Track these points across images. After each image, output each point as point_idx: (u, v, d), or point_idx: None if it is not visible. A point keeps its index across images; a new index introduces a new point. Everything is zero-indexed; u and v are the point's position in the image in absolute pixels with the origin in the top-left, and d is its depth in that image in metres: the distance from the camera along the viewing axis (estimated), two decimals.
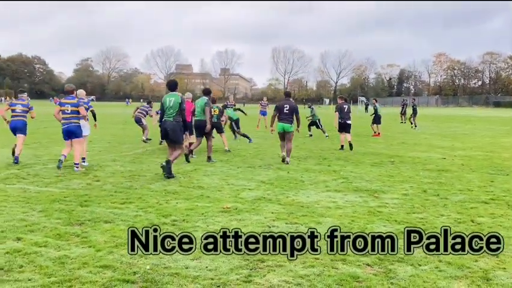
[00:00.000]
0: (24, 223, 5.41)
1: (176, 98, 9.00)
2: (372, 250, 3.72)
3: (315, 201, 6.91)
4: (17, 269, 3.99)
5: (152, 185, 7.91)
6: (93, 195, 7.00)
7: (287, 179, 8.73)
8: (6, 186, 7.65)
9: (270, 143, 15.93)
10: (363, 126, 21.78)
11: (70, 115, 9.59)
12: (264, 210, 6.29)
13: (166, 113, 8.97)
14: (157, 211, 6.11)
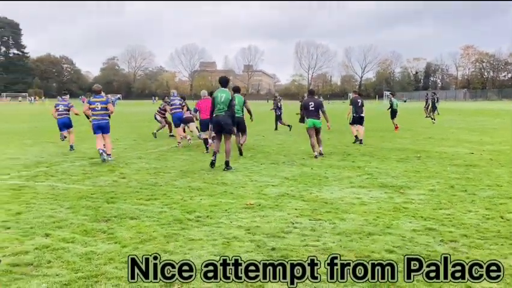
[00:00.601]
0: (53, 219, 5.54)
1: (226, 94, 9.62)
2: (372, 278, 3.71)
3: (339, 197, 6.85)
4: (46, 265, 4.09)
5: (176, 182, 7.99)
6: (119, 192, 7.11)
7: (311, 175, 8.68)
8: (35, 183, 7.85)
9: (293, 140, 15.87)
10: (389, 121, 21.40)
11: (100, 112, 10.61)
12: (287, 206, 6.27)
13: (217, 108, 9.54)
14: (181, 207, 6.17)
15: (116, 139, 16.12)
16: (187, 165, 9.89)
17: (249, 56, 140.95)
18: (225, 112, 9.49)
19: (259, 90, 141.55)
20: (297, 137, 16.62)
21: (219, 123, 9.51)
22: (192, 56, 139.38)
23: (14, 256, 4.28)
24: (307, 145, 13.90)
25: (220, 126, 9.50)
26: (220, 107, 9.51)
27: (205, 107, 12.39)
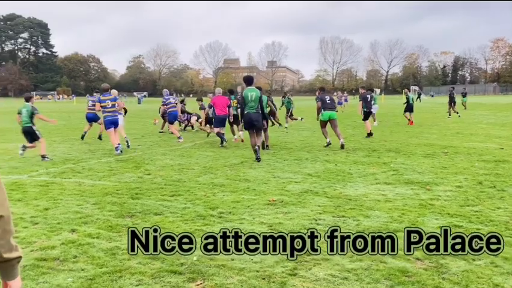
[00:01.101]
0: (79, 215, 5.66)
1: (256, 93, 10.33)
2: (372, 250, 3.63)
3: (363, 194, 6.77)
4: (72, 259, 4.17)
5: (200, 178, 8.04)
6: (144, 188, 7.20)
7: (335, 172, 8.60)
8: (62, 180, 8.03)
9: (317, 136, 15.74)
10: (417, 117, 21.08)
11: (111, 108, 11.60)
12: (310, 203, 6.23)
13: (248, 106, 10.22)
14: (204, 203, 6.20)
15: (142, 136, 16.35)
16: (210, 162, 9.94)
17: (273, 52, 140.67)
18: (255, 110, 10.19)
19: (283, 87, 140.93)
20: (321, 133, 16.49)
21: (251, 120, 10.17)
22: (216, 53, 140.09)
23: (41, 251, 4.38)
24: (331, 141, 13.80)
25: (252, 123, 10.17)
26: (251, 105, 10.18)
27: (220, 104, 13.11)
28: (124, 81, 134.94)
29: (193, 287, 3.57)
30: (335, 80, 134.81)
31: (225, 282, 3.64)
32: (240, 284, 3.60)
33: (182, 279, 3.71)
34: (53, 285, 3.60)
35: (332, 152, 11.36)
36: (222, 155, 11.03)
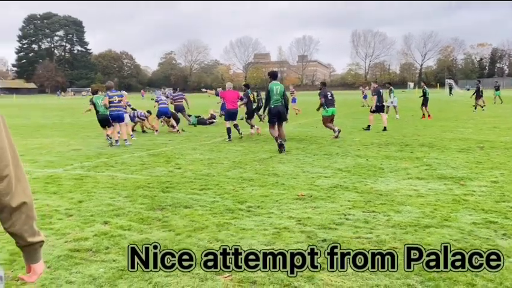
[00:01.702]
0: (111, 208, 5.80)
1: (280, 87, 11.22)
2: (372, 267, 3.58)
3: (394, 189, 6.66)
4: (104, 251, 4.29)
5: (229, 172, 8.09)
6: (174, 182, 7.31)
7: (365, 167, 8.50)
8: (96, 173, 8.24)
9: (348, 131, 15.59)
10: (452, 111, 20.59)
11: (117, 104, 12.50)
12: (340, 198, 6.18)
13: (274, 99, 10.94)
14: (233, 197, 6.25)
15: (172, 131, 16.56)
16: (239, 157, 9.99)
17: (304, 46, 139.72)
18: (281, 103, 11.05)
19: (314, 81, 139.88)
20: (352, 128, 16.31)
21: (278, 113, 11.09)
22: (246, 48, 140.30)
23: (75, 242, 4.52)
24: (362, 136, 13.65)
25: (279, 115, 11.13)
26: (276, 98, 10.93)
27: (230, 98, 13.54)
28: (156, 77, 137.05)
29: (221, 279, 3.61)
30: (367, 73, 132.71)
31: (253, 276, 3.66)
32: (267, 277, 3.61)
33: (211, 272, 3.76)
34: (86, 276, 3.71)
35: (363, 147, 11.22)
36: (251, 150, 11.06)
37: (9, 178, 1.66)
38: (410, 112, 24.14)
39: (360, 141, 12.50)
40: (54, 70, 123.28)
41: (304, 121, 20.04)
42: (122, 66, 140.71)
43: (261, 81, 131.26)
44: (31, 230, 1.75)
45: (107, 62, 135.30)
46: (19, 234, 1.73)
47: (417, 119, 19.82)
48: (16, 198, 1.68)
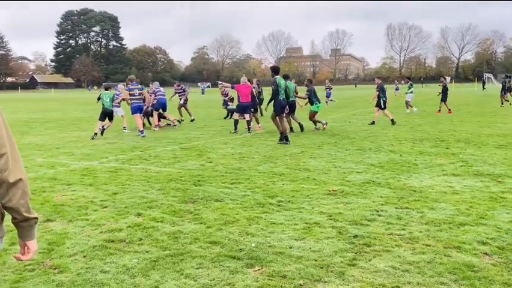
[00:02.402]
0: (145, 200, 5.92)
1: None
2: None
3: (429, 185, 6.52)
4: (137, 242, 4.39)
5: (260, 167, 8.11)
6: (206, 176, 7.39)
7: (399, 162, 8.35)
8: (130, 166, 8.42)
9: (382, 125, 15.34)
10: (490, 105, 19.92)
11: (138, 96, 13.46)
12: (372, 194, 6.10)
13: (281, 93, 11.51)
14: (263, 191, 6.27)
15: (205, 125, 16.73)
16: (270, 151, 9.99)
17: (337, 40, 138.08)
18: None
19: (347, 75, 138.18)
20: (386, 123, 16.04)
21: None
22: (278, 42, 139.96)
23: (109, 233, 4.65)
24: (396, 131, 13.42)
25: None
26: (283, 92, 11.62)
27: (244, 92, 13.94)
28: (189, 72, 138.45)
29: (251, 272, 3.64)
30: (402, 67, 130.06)
31: (283, 270, 3.67)
32: (297, 272, 3.62)
33: (241, 265, 3.79)
34: (120, 266, 3.81)
35: (397, 142, 11.02)
36: (282, 145, 11.04)
37: (7, 156, 1.79)
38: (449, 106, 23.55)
39: (393, 136, 12.28)
40: (90, 65, 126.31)
41: (337, 116, 19.84)
42: (156, 61, 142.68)
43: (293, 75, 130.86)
44: (27, 206, 1.86)
45: (142, 57, 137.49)
46: (16, 209, 1.83)
47: (454, 114, 19.29)
48: (13, 174, 1.81)
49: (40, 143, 12.09)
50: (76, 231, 4.69)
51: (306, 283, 3.43)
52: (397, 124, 15.46)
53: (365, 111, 21.81)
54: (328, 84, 31.57)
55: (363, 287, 3.36)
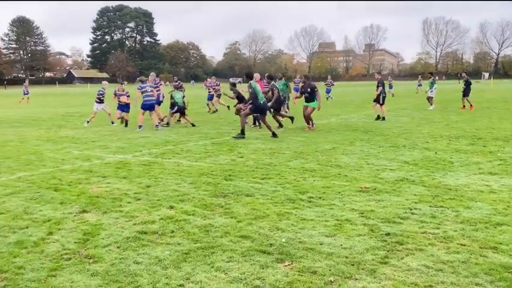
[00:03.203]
0: (177, 193, 6.01)
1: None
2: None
3: (464, 184, 6.35)
4: (169, 234, 4.47)
5: (290, 163, 8.09)
6: (236, 170, 7.43)
7: (434, 160, 8.16)
8: (163, 160, 8.56)
9: (416, 122, 15.03)
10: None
11: (150, 93, 14.15)
12: (405, 191, 5.99)
13: (260, 97, 12.02)
14: (294, 187, 6.25)
15: (234, 120, 16.77)
16: (301, 147, 9.95)
17: (371, 35, 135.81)
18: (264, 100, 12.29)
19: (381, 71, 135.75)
20: (420, 120, 15.71)
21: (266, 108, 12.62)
22: (311, 37, 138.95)
23: (142, 225, 4.74)
24: (431, 128, 13.14)
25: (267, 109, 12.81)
26: (262, 95, 12.12)
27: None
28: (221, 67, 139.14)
29: (281, 267, 3.64)
30: (438, 63, 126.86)
31: (313, 266, 3.66)
32: (328, 268, 3.60)
33: (271, 259, 3.80)
34: (152, 257, 3.88)
35: (431, 140, 10.77)
36: (314, 140, 10.98)
37: None
38: (485, 104, 22.84)
39: (428, 133, 12.01)
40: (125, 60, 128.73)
41: (371, 112, 19.54)
42: (188, 56, 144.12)
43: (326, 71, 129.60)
44: None
45: (175, 53, 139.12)
46: None
47: (493, 111, 18.70)
48: None
49: (76, 136, 12.45)
50: (111, 223, 4.82)
51: (336, 280, 3.41)
52: (432, 121, 15.11)
53: (397, 108, 21.40)
54: (330, 81, 32.61)
55: (395, 285, 3.31)
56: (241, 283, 3.37)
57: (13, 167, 7.95)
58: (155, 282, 3.40)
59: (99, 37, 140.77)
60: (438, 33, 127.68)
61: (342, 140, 11.02)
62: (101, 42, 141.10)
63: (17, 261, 3.81)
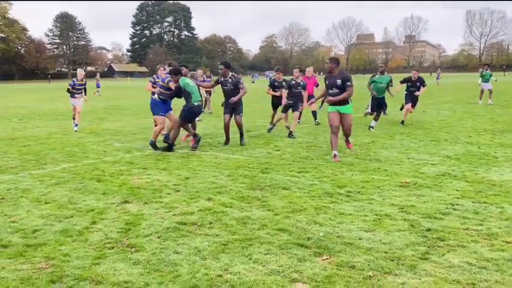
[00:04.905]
0: (214, 185, 6.09)
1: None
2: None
3: (510, 179, 6.12)
4: (207, 225, 4.54)
5: (327, 156, 8.02)
6: (273, 164, 7.45)
7: (477, 155, 7.90)
8: (201, 153, 8.68)
9: (459, 115, 14.57)
10: None
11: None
12: (447, 186, 5.84)
13: (194, 97, 9.03)
14: (331, 181, 6.21)
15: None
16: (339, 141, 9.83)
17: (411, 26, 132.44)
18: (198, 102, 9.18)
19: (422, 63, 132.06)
20: (463, 113, 15.22)
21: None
22: (349, 29, 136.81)
23: (182, 216, 4.84)
24: (475, 122, 12.73)
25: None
26: (196, 96, 9.10)
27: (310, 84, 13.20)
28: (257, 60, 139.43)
29: (319, 261, 3.64)
30: (482, 54, 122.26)
31: (352, 260, 3.63)
32: (367, 263, 3.57)
33: (309, 253, 3.80)
34: (191, 247, 3.96)
35: (475, 134, 10.43)
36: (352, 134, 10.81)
37: None
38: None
39: (471, 127, 11.64)
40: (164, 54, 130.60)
41: None
42: (225, 50, 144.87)
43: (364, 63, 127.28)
44: None
45: (212, 47, 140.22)
46: None
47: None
48: None
49: (117, 129, 12.78)
50: (151, 213, 4.94)
51: (375, 275, 3.37)
52: (476, 114, 14.62)
53: (441, 101, 20.80)
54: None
55: (436, 282, 3.25)
56: (279, 275, 3.39)
57: (58, 158, 8.26)
58: (195, 272, 3.47)
59: (138, 32, 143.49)
60: (482, 23, 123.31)
61: (381, 133, 10.84)
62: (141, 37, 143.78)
63: (63, 249, 3.97)
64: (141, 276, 3.42)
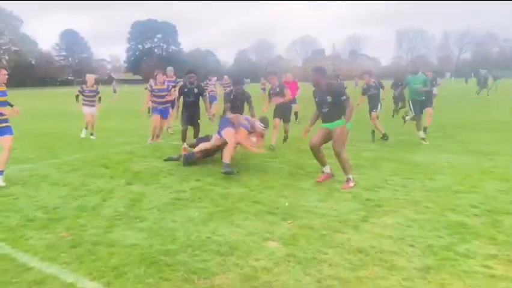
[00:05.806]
0: (202, 170, 6.15)
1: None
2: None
3: (429, 161, 6.42)
4: (197, 200, 4.62)
5: (292, 146, 8.13)
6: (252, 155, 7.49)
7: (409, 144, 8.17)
8: None
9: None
10: None
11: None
12: (382, 167, 6.08)
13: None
14: (295, 164, 6.34)
15: None
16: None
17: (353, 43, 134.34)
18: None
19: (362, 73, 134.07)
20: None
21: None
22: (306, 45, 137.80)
23: (176, 193, 4.90)
24: None
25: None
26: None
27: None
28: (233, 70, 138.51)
29: (285, 224, 3.80)
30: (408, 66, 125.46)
31: (310, 223, 3.81)
32: (321, 225, 3.75)
33: (278, 219, 3.96)
34: (185, 216, 4.05)
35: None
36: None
37: None
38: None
39: None
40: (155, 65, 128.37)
41: None
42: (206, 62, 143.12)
43: None
44: None
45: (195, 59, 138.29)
46: None
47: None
48: None
49: (119, 127, 12.60)
50: (151, 192, 4.98)
51: (328, 233, 3.56)
52: None
53: None
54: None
55: (374, 237, 3.46)
56: (255, 236, 3.53)
57: (71, 150, 8.13)
58: (189, 235, 3.57)
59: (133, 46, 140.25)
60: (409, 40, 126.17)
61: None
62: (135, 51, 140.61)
63: (80, 221, 3.99)
64: (146, 240, 3.50)
